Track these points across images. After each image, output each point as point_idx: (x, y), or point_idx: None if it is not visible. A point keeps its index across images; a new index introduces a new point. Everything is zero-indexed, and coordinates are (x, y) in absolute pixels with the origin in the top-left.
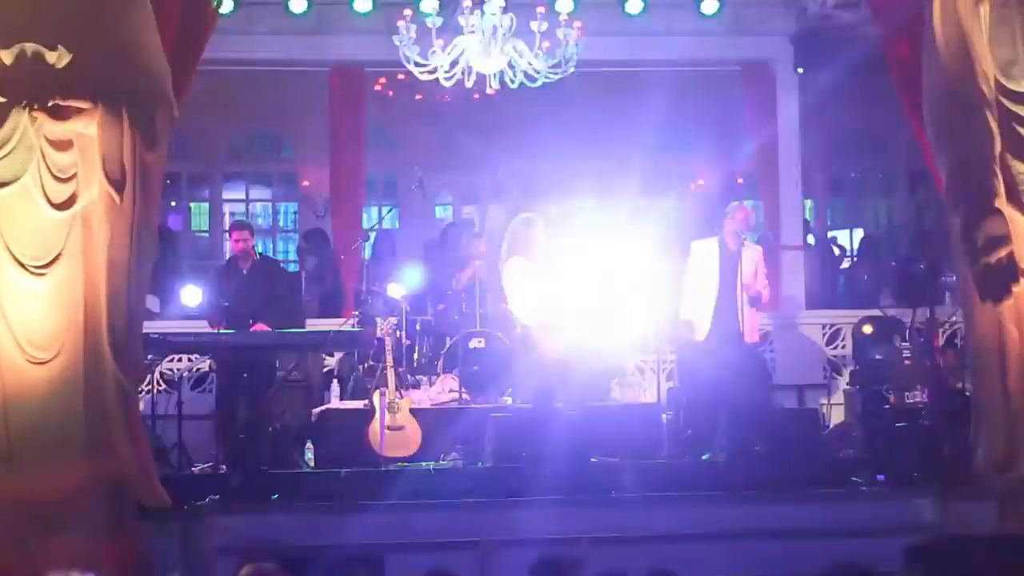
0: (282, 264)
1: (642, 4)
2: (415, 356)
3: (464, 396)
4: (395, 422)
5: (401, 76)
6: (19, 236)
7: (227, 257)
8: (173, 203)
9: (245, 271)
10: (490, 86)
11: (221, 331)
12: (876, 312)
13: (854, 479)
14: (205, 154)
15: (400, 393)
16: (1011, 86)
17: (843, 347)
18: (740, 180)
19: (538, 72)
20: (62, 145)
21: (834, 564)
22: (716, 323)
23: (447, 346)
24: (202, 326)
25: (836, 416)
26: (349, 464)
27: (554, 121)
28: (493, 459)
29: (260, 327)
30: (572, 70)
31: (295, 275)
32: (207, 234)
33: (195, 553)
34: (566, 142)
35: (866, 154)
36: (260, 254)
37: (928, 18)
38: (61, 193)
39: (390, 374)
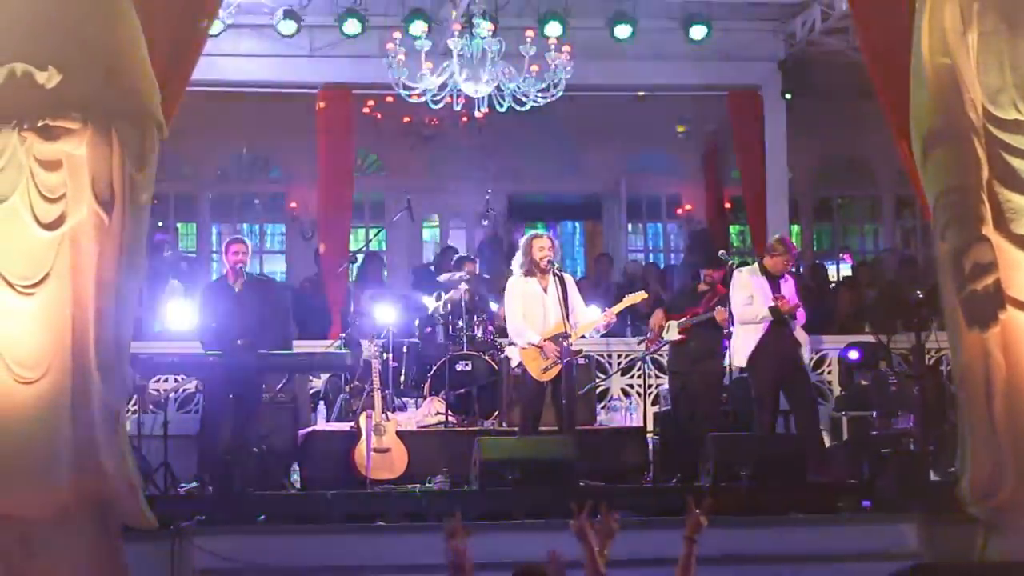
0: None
1: (631, 29)
2: (401, 378)
3: (450, 419)
4: (381, 444)
5: (390, 99)
6: (7, 256)
7: (216, 277)
8: (160, 223)
9: (237, 289)
10: (478, 109)
11: (208, 352)
12: (862, 338)
13: (839, 504)
14: (193, 175)
15: (386, 415)
16: (998, 114)
17: (829, 372)
18: (728, 204)
19: (527, 96)
20: (51, 165)
21: None
22: (769, 346)
23: (433, 369)
24: (189, 347)
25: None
26: (335, 486)
27: (542, 144)
28: (479, 482)
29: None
30: (560, 94)
31: (286, 294)
32: (195, 255)
33: (181, 574)
34: (554, 165)
35: (853, 179)
36: (250, 273)
37: (915, 45)
38: (50, 213)
39: (376, 396)
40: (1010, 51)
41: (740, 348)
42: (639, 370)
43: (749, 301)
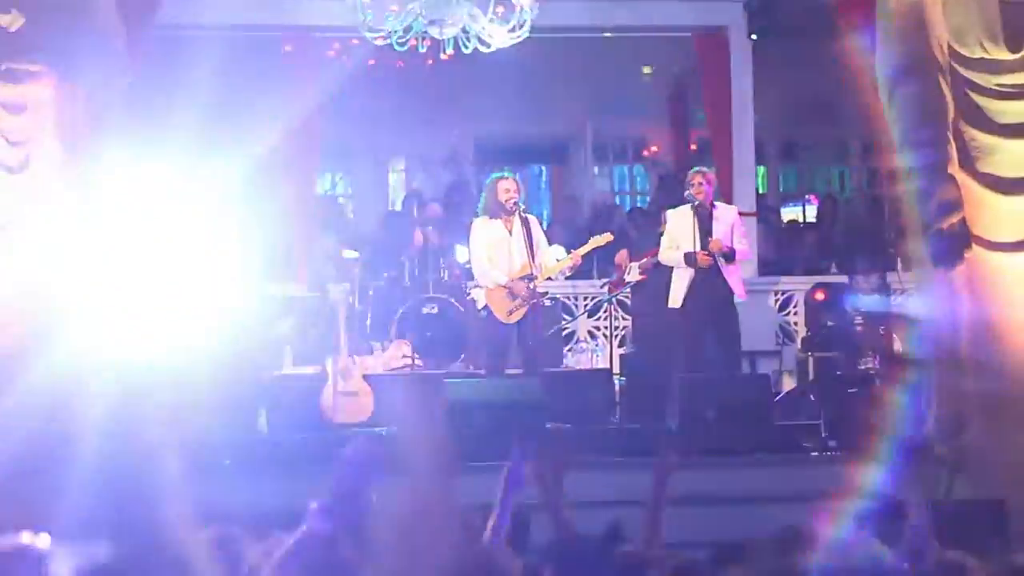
0: None
1: None
2: (368, 322)
3: (417, 362)
4: (348, 388)
5: (355, 41)
6: None
7: None
8: None
9: None
10: (444, 52)
11: None
12: (828, 278)
13: (805, 445)
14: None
15: (353, 359)
16: (964, 52)
17: (795, 313)
18: (693, 146)
19: (492, 37)
20: (15, 108)
21: (783, 527)
22: (698, 285)
23: (400, 312)
24: None
25: (788, 383)
26: (302, 430)
27: (508, 87)
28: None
29: None
30: (526, 35)
31: None
32: None
33: None
34: (520, 107)
35: (819, 121)
36: None
37: None
38: (14, 156)
39: (343, 339)
40: None
41: (675, 289)
42: (605, 312)
43: (670, 243)
